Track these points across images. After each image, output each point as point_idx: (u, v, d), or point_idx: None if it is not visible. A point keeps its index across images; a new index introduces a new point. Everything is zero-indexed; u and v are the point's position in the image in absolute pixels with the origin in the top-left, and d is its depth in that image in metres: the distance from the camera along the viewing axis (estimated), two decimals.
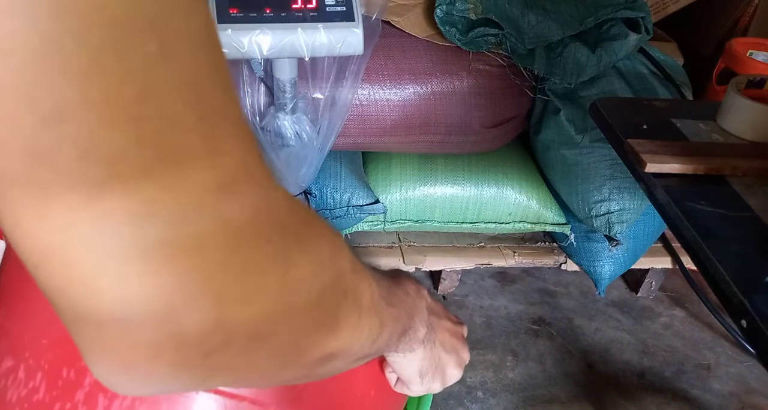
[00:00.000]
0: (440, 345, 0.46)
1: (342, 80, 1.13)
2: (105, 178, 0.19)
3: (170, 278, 0.21)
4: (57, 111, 0.18)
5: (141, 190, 0.20)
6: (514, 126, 1.39)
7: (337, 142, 1.23)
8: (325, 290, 0.27)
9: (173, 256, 0.21)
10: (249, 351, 0.25)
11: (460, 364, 0.48)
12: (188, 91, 0.20)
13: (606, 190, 1.25)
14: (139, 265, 0.21)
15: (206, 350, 0.23)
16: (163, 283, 0.21)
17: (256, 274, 0.23)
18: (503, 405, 1.31)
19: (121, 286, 0.21)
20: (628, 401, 1.34)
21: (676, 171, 0.81)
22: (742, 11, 1.69)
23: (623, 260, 1.38)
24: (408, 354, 0.43)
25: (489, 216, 1.39)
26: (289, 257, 0.25)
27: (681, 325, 1.54)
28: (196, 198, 0.21)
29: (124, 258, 0.20)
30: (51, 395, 0.39)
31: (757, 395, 1.38)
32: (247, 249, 0.23)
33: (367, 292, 0.32)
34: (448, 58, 1.27)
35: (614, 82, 1.31)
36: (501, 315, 1.50)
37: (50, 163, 0.19)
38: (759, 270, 0.66)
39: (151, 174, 0.20)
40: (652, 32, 1.30)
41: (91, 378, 0.39)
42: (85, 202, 0.19)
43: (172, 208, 0.21)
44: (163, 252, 0.21)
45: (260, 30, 0.92)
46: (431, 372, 0.46)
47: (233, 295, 0.23)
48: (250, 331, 0.24)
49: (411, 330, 0.41)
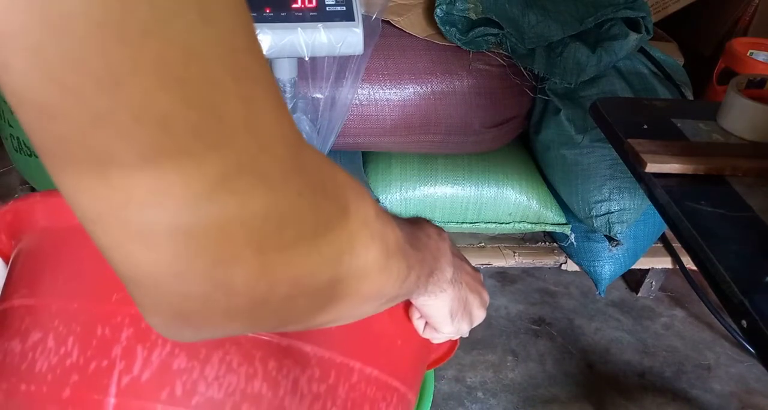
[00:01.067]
0: (466, 286, 0.47)
1: (342, 80, 1.13)
2: (157, 138, 0.21)
3: (215, 232, 0.23)
4: (112, 76, 0.19)
5: (189, 150, 0.21)
6: (515, 126, 1.39)
7: (337, 142, 1.23)
8: (354, 235, 0.29)
9: (219, 210, 0.23)
10: (291, 297, 0.27)
11: (483, 305, 0.50)
12: (225, 54, 0.21)
13: (606, 190, 1.25)
14: (188, 219, 0.22)
15: (253, 297, 0.25)
16: (208, 236, 0.23)
17: (291, 225, 0.25)
18: (503, 405, 1.31)
19: (173, 241, 0.23)
20: (629, 401, 1.34)
21: (676, 171, 0.81)
22: (743, 11, 1.69)
23: (623, 260, 1.38)
24: (440, 295, 0.44)
25: (489, 216, 1.39)
26: (318, 207, 0.27)
27: (681, 325, 1.54)
28: (238, 157, 0.22)
29: (174, 214, 0.22)
30: (85, 356, 0.39)
31: (758, 395, 1.38)
32: (282, 202, 0.25)
33: (392, 236, 0.34)
34: (448, 58, 1.27)
35: (614, 81, 1.31)
36: (501, 315, 1.50)
37: (107, 126, 0.20)
38: (759, 270, 0.66)
39: (197, 134, 0.21)
40: (653, 32, 1.30)
41: (128, 331, 0.40)
42: (141, 163, 0.21)
43: (217, 166, 0.22)
44: (210, 207, 0.22)
45: (260, 29, 0.92)
46: (460, 312, 0.47)
47: (273, 245, 0.25)
48: (291, 278, 0.26)
49: (438, 270, 0.43)
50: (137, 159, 0.21)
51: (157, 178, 0.21)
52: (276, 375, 0.41)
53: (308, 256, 0.26)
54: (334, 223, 0.28)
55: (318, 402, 0.42)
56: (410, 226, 0.41)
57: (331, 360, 0.43)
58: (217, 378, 0.39)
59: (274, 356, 0.41)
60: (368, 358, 0.45)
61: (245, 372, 0.40)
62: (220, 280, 0.24)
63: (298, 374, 0.42)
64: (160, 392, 0.38)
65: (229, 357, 0.40)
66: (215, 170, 0.22)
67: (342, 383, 0.43)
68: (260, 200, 0.24)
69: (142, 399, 0.38)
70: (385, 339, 0.48)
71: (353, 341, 0.45)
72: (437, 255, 0.43)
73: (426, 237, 0.43)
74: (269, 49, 0.93)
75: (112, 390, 0.38)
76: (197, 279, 0.24)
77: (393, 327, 0.48)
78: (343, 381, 0.43)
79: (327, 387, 0.43)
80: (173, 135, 0.21)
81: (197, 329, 0.27)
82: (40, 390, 0.39)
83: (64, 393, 0.38)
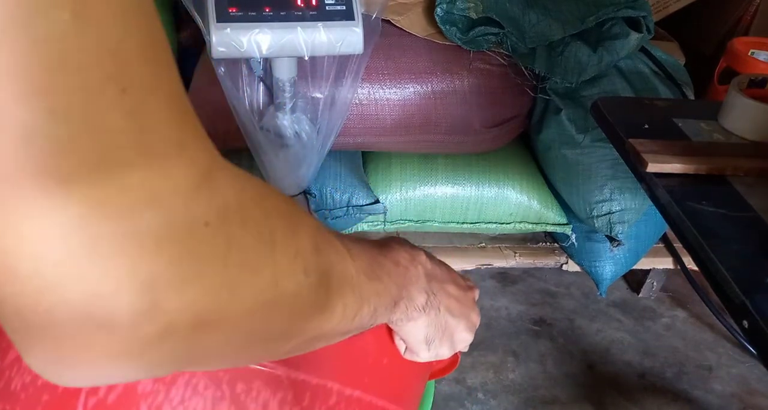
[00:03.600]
0: (446, 311, 0.45)
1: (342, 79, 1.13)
2: (17, 154, 0.18)
3: (96, 264, 0.20)
4: None
5: (57, 168, 0.19)
6: (515, 125, 1.39)
7: (337, 142, 1.23)
8: (279, 270, 0.26)
9: (97, 240, 0.20)
10: (197, 339, 0.24)
11: (469, 328, 0.48)
12: (109, 62, 0.19)
13: (607, 190, 1.25)
14: (61, 251, 0.20)
15: (144, 338, 0.22)
16: (87, 269, 0.20)
17: (191, 259, 0.22)
18: (504, 406, 1.30)
19: (43, 272, 0.20)
20: (629, 402, 1.34)
21: (677, 171, 0.81)
22: (744, 10, 1.68)
23: (624, 260, 1.38)
24: (408, 323, 0.42)
25: (490, 216, 1.39)
26: (230, 239, 0.23)
27: (682, 326, 1.53)
28: (121, 182, 0.20)
29: (46, 243, 0.19)
30: None
31: (759, 396, 1.37)
32: (181, 233, 0.22)
33: (337, 270, 0.31)
34: (449, 58, 1.27)
35: (615, 81, 1.30)
36: (502, 315, 1.50)
37: None
38: (761, 271, 0.66)
39: (64, 150, 0.18)
40: (654, 31, 1.30)
41: None
42: (2, 179, 0.18)
43: (93, 192, 0.19)
44: (86, 233, 0.20)
45: (259, 29, 0.92)
46: (438, 338, 0.46)
47: (166, 281, 0.21)
48: (192, 319, 0.23)
49: (404, 299, 0.41)
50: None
51: (20, 200, 0.19)
52: (245, 399, 0.39)
53: (215, 294, 0.23)
54: (252, 258, 0.24)
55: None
56: (374, 252, 0.39)
57: (305, 382, 0.42)
58: (182, 401, 0.38)
59: (242, 378, 0.40)
60: (348, 379, 0.44)
61: (212, 395, 0.39)
62: (99, 317, 0.21)
63: (268, 397, 0.40)
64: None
65: (195, 380, 0.39)
66: (89, 193, 0.19)
67: (318, 405, 0.42)
68: (151, 232, 0.21)
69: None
70: (368, 358, 0.46)
71: (330, 361, 0.43)
72: (404, 284, 0.41)
73: (392, 264, 0.40)
74: (269, 48, 0.93)
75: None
76: (71, 315, 0.21)
77: (377, 345, 0.47)
78: (319, 404, 0.42)
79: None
80: (35, 152, 0.18)
81: (80, 373, 0.23)
82: (14, 409, 0.39)
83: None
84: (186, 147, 0.22)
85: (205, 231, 0.22)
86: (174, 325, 0.22)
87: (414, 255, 0.43)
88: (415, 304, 0.42)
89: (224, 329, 0.24)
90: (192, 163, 0.22)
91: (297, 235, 0.28)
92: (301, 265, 0.28)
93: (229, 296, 0.24)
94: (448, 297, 0.45)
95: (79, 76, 0.18)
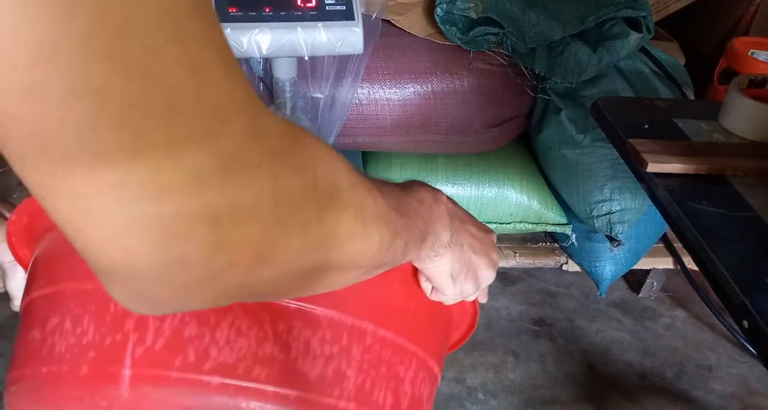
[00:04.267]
0: (469, 248, 0.47)
1: (342, 79, 1.13)
2: (94, 111, 0.20)
3: (169, 207, 0.22)
4: (45, 48, 0.18)
5: (130, 122, 0.20)
6: (515, 125, 1.39)
7: (337, 142, 1.23)
8: (322, 205, 0.29)
9: (170, 185, 0.22)
10: (255, 269, 0.26)
11: (491, 266, 0.49)
12: (167, 22, 0.20)
13: (607, 190, 1.25)
14: (137, 194, 0.22)
15: (213, 270, 0.25)
16: (161, 212, 0.22)
17: (249, 198, 0.25)
18: (504, 406, 1.30)
19: (125, 216, 0.22)
20: (630, 402, 1.34)
21: (677, 171, 0.81)
22: (744, 10, 1.68)
23: (624, 260, 1.38)
24: (435, 259, 0.44)
25: (490, 216, 1.39)
26: (279, 178, 0.26)
27: (682, 326, 1.53)
28: (185, 130, 0.22)
29: (122, 191, 0.22)
30: (100, 332, 0.40)
31: (759, 396, 1.38)
32: (238, 174, 0.24)
33: (371, 204, 0.33)
34: (449, 58, 1.27)
35: (615, 81, 1.30)
36: (502, 315, 1.50)
37: (42, 100, 0.19)
38: (761, 271, 0.66)
39: (137, 105, 0.20)
40: (654, 31, 1.30)
41: None
42: (82, 142, 0.20)
43: (161, 140, 0.21)
44: (159, 181, 0.22)
45: (259, 29, 0.92)
46: (463, 274, 0.47)
47: (229, 217, 0.24)
48: (252, 250, 0.25)
49: (431, 235, 0.42)
50: (79, 138, 0.20)
51: (97, 159, 0.21)
52: (287, 338, 0.41)
53: (269, 229, 0.26)
54: (298, 195, 0.27)
55: (332, 363, 0.42)
56: (400, 192, 0.41)
57: (342, 322, 0.43)
58: (228, 342, 0.40)
59: (283, 319, 0.41)
60: (380, 320, 0.45)
61: (255, 335, 0.40)
62: (175, 255, 0.23)
63: (309, 336, 0.42)
64: (173, 360, 0.39)
65: (239, 322, 0.40)
66: (161, 144, 0.21)
67: (355, 344, 0.44)
68: (213, 175, 0.23)
69: (157, 368, 0.39)
70: (396, 303, 0.48)
71: (363, 304, 0.45)
72: (430, 220, 0.42)
73: (417, 202, 0.42)
74: (269, 48, 0.93)
75: (127, 362, 0.39)
76: (151, 254, 0.23)
77: (404, 292, 0.48)
78: (356, 343, 0.44)
79: (340, 349, 0.43)
80: (111, 108, 0.20)
81: (159, 304, 0.26)
82: (60, 369, 0.40)
83: (82, 370, 0.40)
84: (238, 97, 0.24)
85: (257, 173, 0.25)
86: (238, 256, 0.25)
87: (436, 195, 0.45)
88: (441, 241, 0.43)
89: (279, 263, 0.27)
90: (244, 112, 0.24)
91: (334, 175, 0.30)
92: (339, 201, 0.30)
93: (281, 231, 0.26)
94: (471, 236, 0.47)
95: (143, 36, 0.20)
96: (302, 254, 0.28)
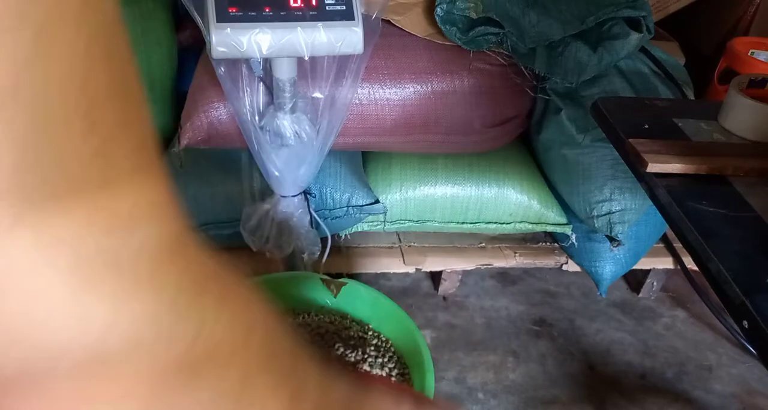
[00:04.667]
0: None
1: (342, 79, 1.13)
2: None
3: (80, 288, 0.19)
4: None
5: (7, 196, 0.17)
6: (515, 125, 1.39)
7: (337, 142, 1.23)
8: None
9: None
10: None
11: None
12: (75, 93, 0.18)
13: (607, 190, 1.25)
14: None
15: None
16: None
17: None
18: (504, 406, 1.30)
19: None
20: (630, 402, 1.34)
21: (677, 171, 0.81)
22: (744, 10, 1.68)
23: (625, 260, 1.38)
24: None
25: (490, 216, 1.39)
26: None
27: (682, 326, 1.53)
28: (77, 208, 0.19)
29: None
30: None
31: (759, 396, 1.37)
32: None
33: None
34: (449, 58, 1.27)
35: (615, 81, 1.30)
36: (502, 316, 1.50)
37: None
38: (761, 271, 0.66)
39: (30, 173, 0.17)
40: (654, 31, 1.30)
41: None
42: None
43: (54, 218, 0.18)
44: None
45: (259, 29, 0.91)
46: None
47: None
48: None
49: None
50: None
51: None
52: None
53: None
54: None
55: None
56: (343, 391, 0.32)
57: None
58: None
59: None
60: None
61: None
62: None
63: None
64: None
65: None
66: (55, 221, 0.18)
67: None
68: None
69: None
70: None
71: None
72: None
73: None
74: (268, 48, 0.93)
75: None
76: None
77: None
78: None
79: None
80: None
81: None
82: None
83: None
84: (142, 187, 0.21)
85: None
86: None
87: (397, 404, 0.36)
88: None
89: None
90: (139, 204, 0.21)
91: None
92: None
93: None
94: None
95: (43, 103, 0.17)
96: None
